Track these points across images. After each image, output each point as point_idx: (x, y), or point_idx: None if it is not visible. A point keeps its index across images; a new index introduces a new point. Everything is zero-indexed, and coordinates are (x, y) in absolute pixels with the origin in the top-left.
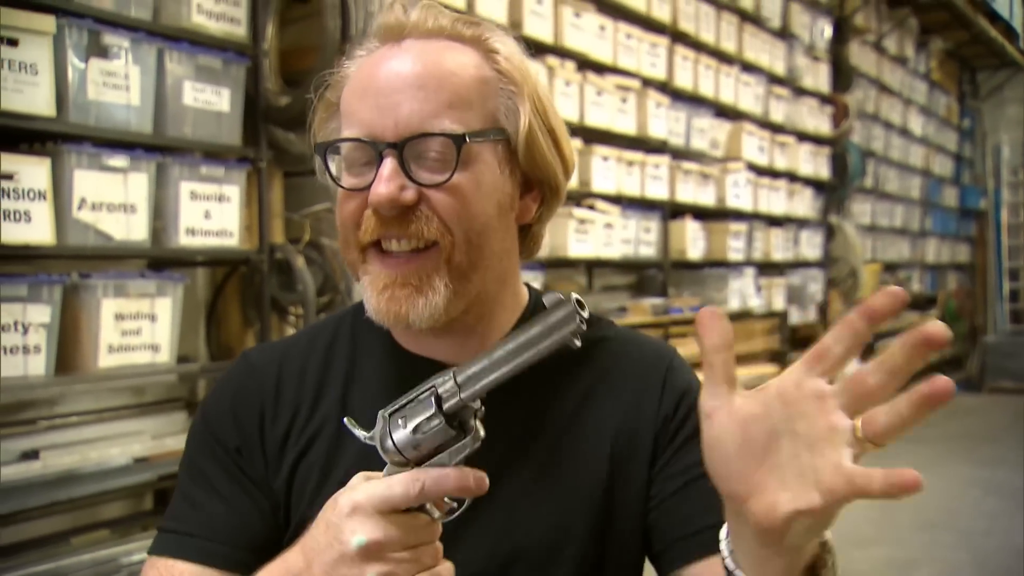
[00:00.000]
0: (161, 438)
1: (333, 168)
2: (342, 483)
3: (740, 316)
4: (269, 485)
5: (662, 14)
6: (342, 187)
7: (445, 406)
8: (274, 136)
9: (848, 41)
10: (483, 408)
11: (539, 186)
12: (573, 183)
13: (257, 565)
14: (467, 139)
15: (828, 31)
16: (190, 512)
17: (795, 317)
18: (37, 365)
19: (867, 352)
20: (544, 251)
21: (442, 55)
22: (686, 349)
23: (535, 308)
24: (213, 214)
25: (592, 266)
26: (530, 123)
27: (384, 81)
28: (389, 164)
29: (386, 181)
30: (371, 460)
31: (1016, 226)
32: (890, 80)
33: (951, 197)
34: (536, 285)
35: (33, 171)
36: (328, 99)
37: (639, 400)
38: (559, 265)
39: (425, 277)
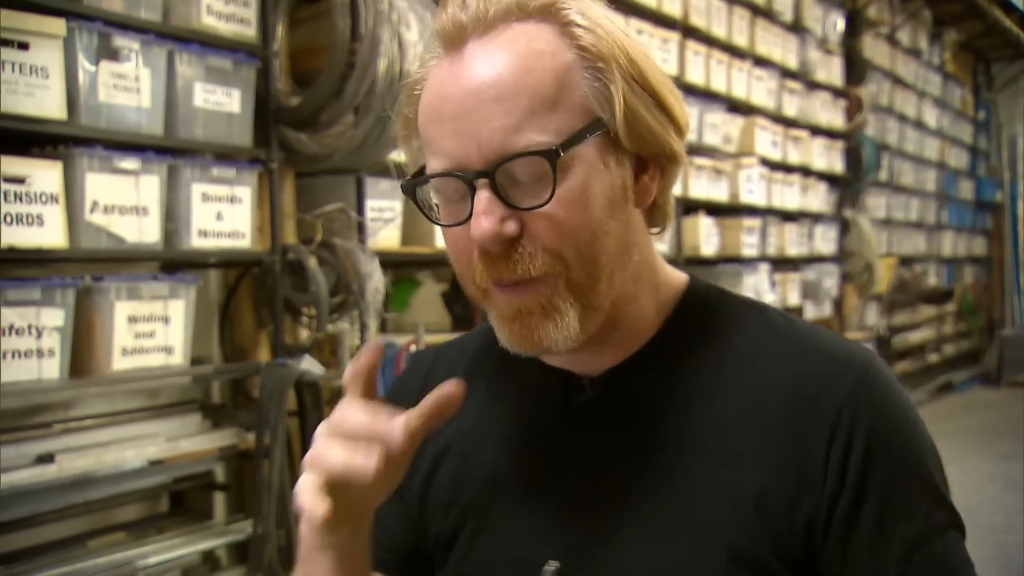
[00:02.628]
0: (176, 440)
1: (433, 198)
2: (471, 498)
3: None
4: (408, 488)
5: (673, 9)
6: (442, 225)
7: None
8: (285, 137)
9: (861, 34)
10: None
11: (654, 160)
12: None
13: (397, 565)
14: (560, 152)
15: (841, 24)
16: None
17: (810, 312)
18: (51, 368)
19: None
20: None
21: (512, 52)
22: None
23: (688, 306)
24: (225, 215)
25: None
26: (626, 101)
27: (456, 102)
28: (483, 197)
29: (484, 216)
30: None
31: None
32: (904, 73)
33: (967, 190)
34: None
35: (45, 174)
36: (406, 115)
37: (801, 437)
38: None
39: (548, 302)
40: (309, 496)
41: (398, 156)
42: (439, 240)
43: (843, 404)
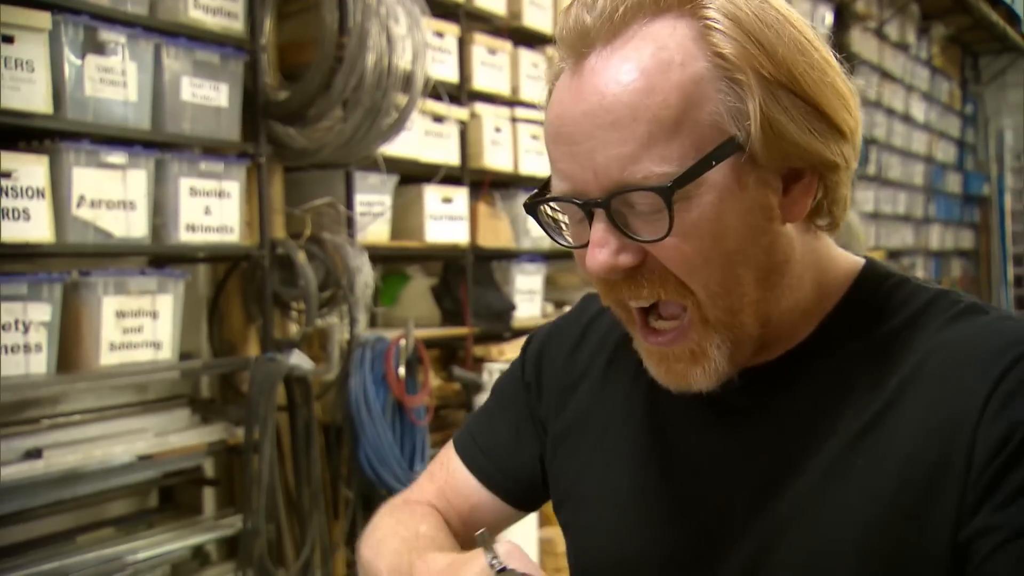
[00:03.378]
0: (164, 435)
1: (556, 228)
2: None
3: None
4: (545, 429)
5: None
6: (564, 246)
7: None
8: (273, 131)
9: (849, 28)
10: None
11: (809, 170)
12: None
13: (517, 496)
14: (674, 190)
15: (829, 18)
16: (485, 421)
17: None
18: (39, 364)
19: None
20: (546, 243)
21: (634, 66)
22: None
23: (849, 301)
24: (213, 210)
25: None
26: (767, 115)
27: (573, 125)
28: (600, 228)
29: (599, 247)
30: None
31: (1020, 212)
32: (892, 66)
33: (954, 183)
34: (539, 279)
35: (31, 169)
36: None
37: (952, 418)
38: (562, 257)
39: (695, 348)
40: None
41: (387, 150)
42: (428, 234)
43: (996, 383)
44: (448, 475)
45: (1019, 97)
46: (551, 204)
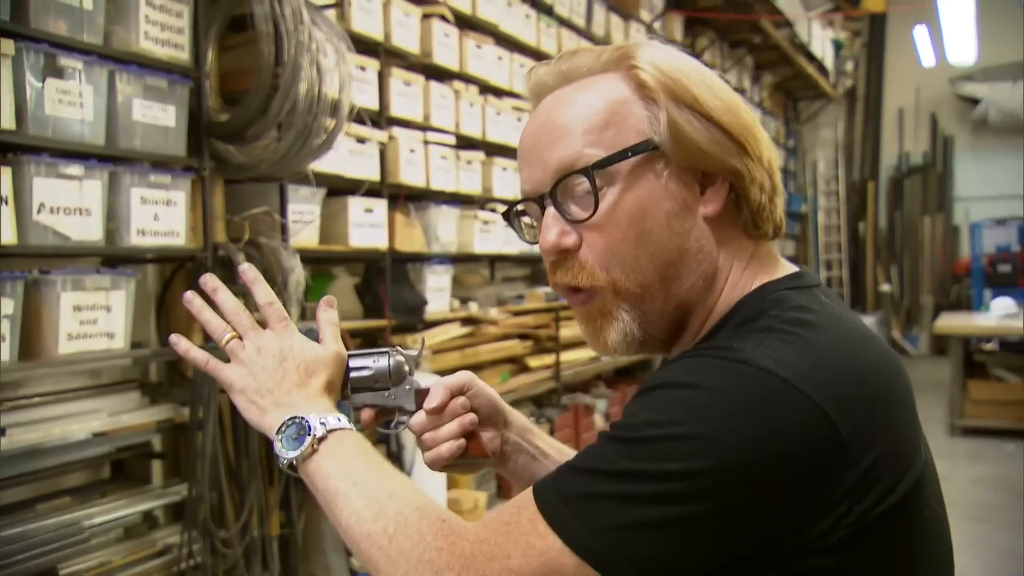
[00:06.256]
0: (117, 415)
1: (524, 230)
2: None
3: None
4: None
5: (549, 47)
6: (531, 243)
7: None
8: (215, 148)
9: None
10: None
11: (720, 175)
12: (477, 189)
13: None
14: (596, 168)
15: None
16: None
17: None
18: (3, 352)
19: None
20: (453, 247)
21: (573, 95)
22: (570, 331)
23: (734, 312)
24: (161, 216)
25: (494, 260)
26: (670, 120)
27: (530, 139)
28: (549, 214)
29: (547, 230)
30: None
31: (829, 226)
32: None
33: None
34: (447, 278)
35: None
36: None
37: None
38: (466, 259)
39: (604, 309)
40: None
41: (316, 166)
42: (352, 240)
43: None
44: None
45: (830, 134)
46: (518, 209)
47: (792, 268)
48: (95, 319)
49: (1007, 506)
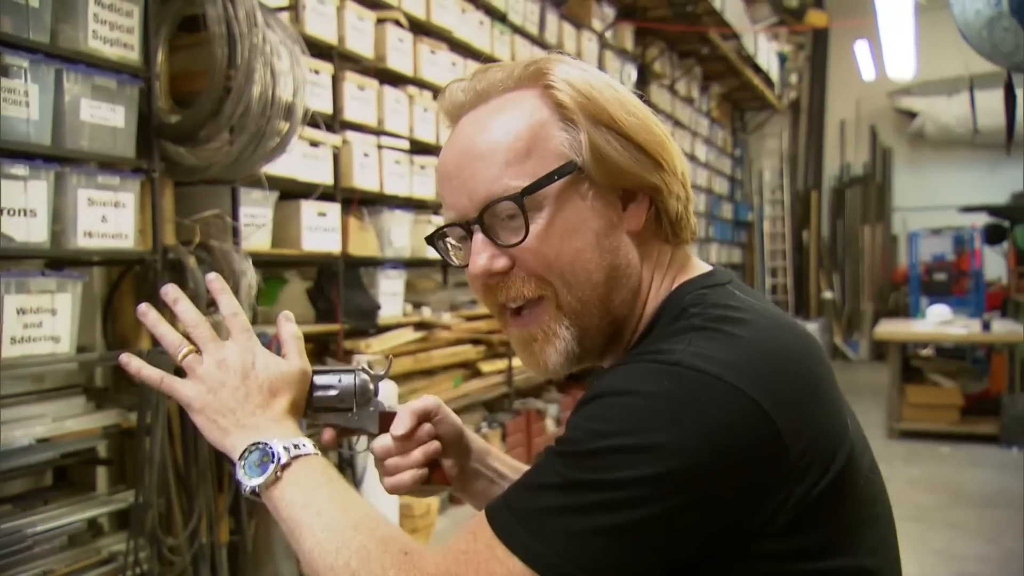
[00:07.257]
0: (61, 420)
1: (450, 253)
2: None
3: None
4: None
5: (503, 54)
6: (457, 267)
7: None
8: (166, 150)
9: (649, 84)
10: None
11: (640, 191)
12: (430, 194)
13: None
14: (523, 195)
15: (633, 75)
16: None
17: None
18: None
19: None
20: (407, 252)
21: (495, 115)
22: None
23: (656, 318)
24: (109, 218)
25: (446, 265)
26: (591, 142)
27: (452, 164)
28: (478, 239)
29: (477, 255)
30: None
31: (774, 234)
32: (681, 116)
33: (727, 211)
34: (400, 283)
35: None
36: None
37: None
38: (420, 264)
39: (547, 327)
40: None
41: (269, 169)
42: (305, 243)
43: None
44: None
45: (775, 144)
46: (443, 232)
47: (706, 267)
48: (40, 322)
49: (942, 506)
